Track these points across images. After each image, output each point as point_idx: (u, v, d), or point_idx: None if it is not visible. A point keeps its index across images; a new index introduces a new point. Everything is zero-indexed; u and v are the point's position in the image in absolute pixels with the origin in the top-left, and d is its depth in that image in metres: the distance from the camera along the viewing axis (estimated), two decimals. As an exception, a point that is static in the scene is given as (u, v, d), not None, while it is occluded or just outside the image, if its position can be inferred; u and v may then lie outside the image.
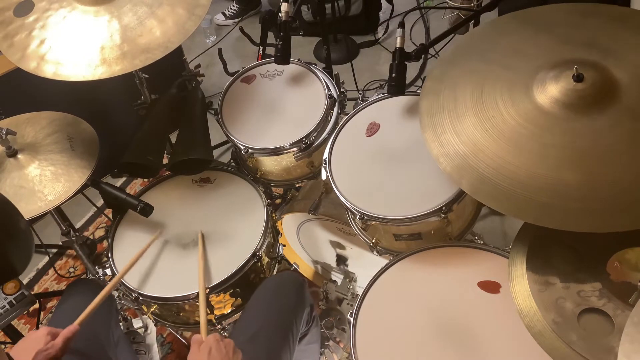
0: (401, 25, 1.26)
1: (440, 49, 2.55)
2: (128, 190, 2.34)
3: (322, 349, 1.53)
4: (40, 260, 2.17)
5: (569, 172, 0.90)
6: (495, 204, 0.95)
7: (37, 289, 2.09)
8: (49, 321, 1.37)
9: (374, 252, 1.36)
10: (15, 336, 1.50)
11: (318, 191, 1.50)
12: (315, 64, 1.62)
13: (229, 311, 1.42)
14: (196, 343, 1.01)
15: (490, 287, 1.13)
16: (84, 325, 1.09)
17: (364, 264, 1.59)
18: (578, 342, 0.89)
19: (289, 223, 1.62)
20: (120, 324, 1.47)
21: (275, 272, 1.51)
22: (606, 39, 1.04)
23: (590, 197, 0.88)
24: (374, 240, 1.33)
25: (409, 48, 1.24)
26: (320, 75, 1.58)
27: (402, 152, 1.30)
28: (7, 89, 1.88)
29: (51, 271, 2.13)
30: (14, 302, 1.32)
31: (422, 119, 1.09)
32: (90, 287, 1.36)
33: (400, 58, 1.24)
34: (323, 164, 1.36)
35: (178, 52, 2.32)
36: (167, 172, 1.59)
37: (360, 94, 1.57)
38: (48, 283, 2.11)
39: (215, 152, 2.34)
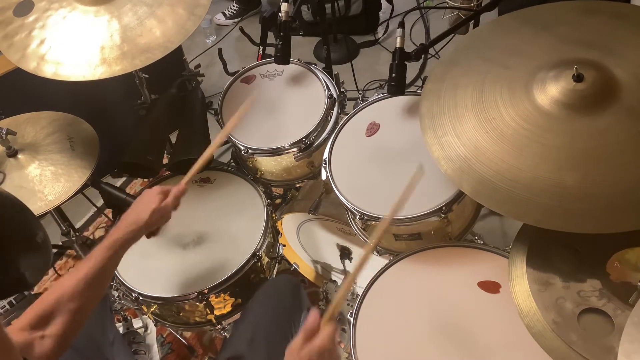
0: (401, 25, 1.26)
1: (440, 49, 2.54)
2: (128, 190, 2.34)
3: (322, 349, 1.52)
4: (40, 260, 2.17)
5: (570, 172, 0.90)
6: (497, 206, 0.94)
7: (37, 289, 2.08)
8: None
9: (374, 252, 1.36)
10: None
11: (318, 191, 1.50)
12: (315, 64, 1.62)
13: (229, 311, 1.42)
14: (309, 331, 0.79)
15: (490, 287, 1.13)
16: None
17: (364, 264, 1.59)
18: (578, 342, 0.89)
19: (289, 223, 1.62)
20: (120, 324, 1.47)
21: (275, 272, 1.51)
22: (606, 36, 1.03)
23: (592, 197, 0.88)
24: (374, 240, 1.33)
25: (409, 48, 1.24)
26: (320, 75, 1.58)
27: (402, 152, 1.30)
28: (7, 89, 1.88)
29: (51, 271, 2.12)
30: (14, 302, 1.32)
31: (423, 121, 1.09)
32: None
33: (400, 58, 1.24)
34: (323, 164, 1.35)
35: (178, 52, 2.31)
36: (167, 172, 1.59)
37: (360, 94, 1.57)
38: (48, 283, 2.10)
39: (215, 152, 2.33)
